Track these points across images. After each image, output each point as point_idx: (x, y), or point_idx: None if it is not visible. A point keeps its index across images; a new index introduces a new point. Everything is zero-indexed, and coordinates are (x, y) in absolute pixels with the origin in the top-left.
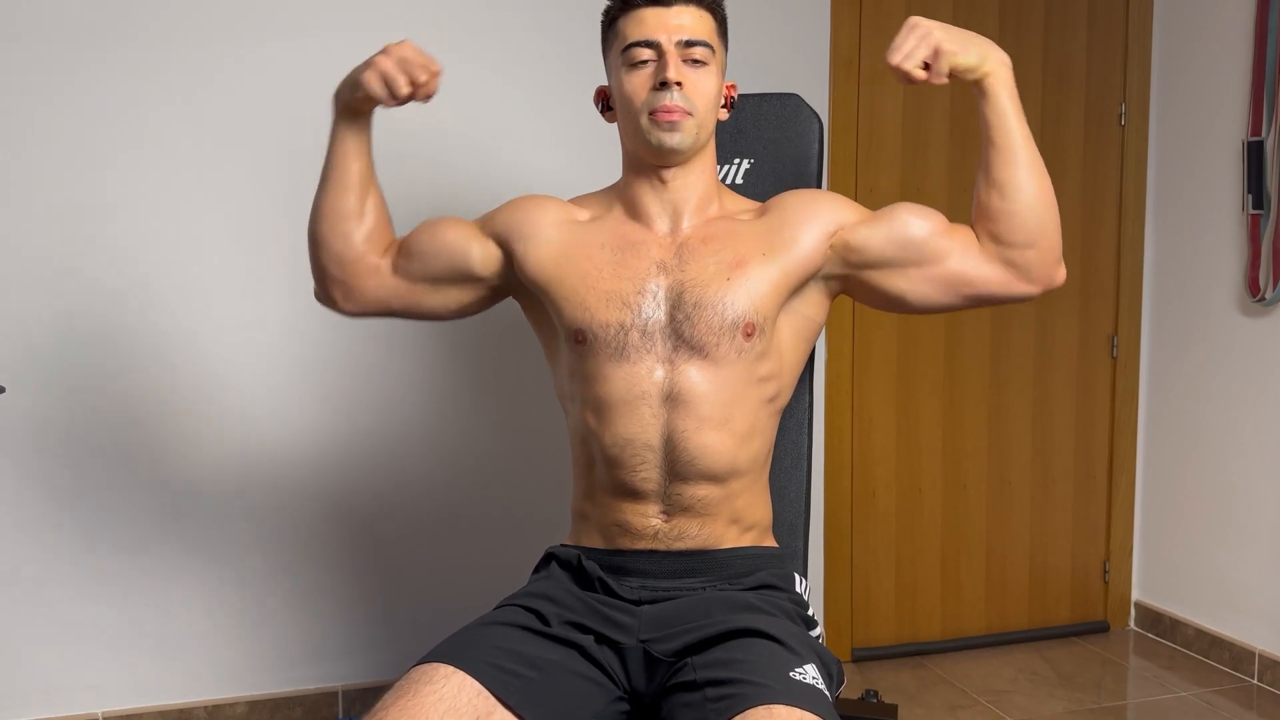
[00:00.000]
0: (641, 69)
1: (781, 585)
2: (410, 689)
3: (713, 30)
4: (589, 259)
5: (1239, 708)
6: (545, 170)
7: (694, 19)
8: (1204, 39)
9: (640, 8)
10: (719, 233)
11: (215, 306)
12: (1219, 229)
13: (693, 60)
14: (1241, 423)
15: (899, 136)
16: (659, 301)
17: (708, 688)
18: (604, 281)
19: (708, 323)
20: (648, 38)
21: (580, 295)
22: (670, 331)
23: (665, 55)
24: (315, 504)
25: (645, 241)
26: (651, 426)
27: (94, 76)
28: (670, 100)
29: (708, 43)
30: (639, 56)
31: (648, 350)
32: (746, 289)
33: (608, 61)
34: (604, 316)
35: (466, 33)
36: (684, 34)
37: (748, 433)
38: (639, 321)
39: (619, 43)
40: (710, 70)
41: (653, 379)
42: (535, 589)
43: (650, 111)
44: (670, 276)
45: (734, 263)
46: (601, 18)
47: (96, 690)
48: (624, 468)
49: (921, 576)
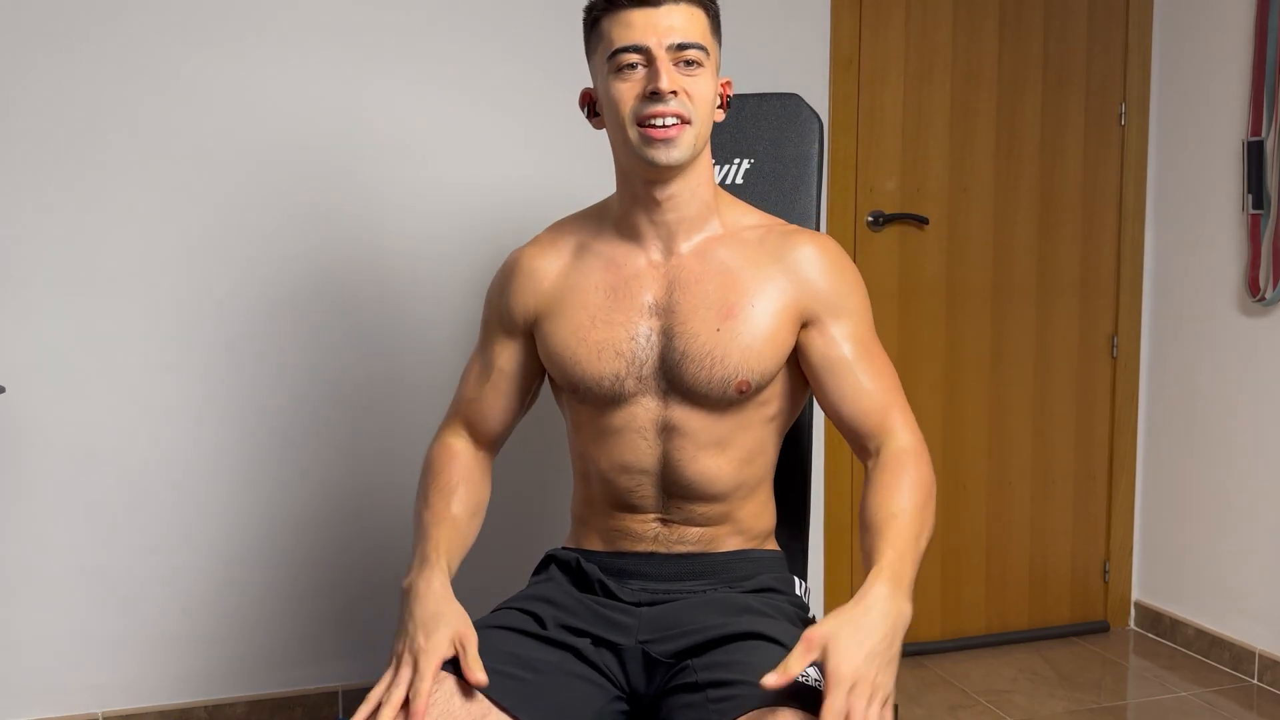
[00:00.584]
0: (630, 75)
1: (781, 588)
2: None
3: (706, 29)
4: (583, 307)
5: (1239, 708)
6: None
7: (685, 18)
8: (1204, 39)
9: (626, 9)
10: (713, 267)
11: (213, 306)
12: (1219, 229)
13: (686, 63)
14: (1241, 422)
15: (899, 136)
16: (651, 344)
17: (709, 689)
18: (596, 331)
19: (694, 376)
20: (636, 42)
21: (571, 350)
22: (662, 374)
23: (656, 61)
24: (315, 504)
25: (639, 274)
26: (648, 455)
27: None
28: (664, 108)
29: (701, 44)
30: (626, 61)
31: (643, 391)
32: (739, 345)
33: (592, 64)
34: (597, 370)
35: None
36: (675, 36)
37: (748, 456)
38: (633, 369)
39: (604, 46)
40: (706, 72)
41: (648, 415)
42: (533, 592)
43: (640, 122)
44: (661, 320)
45: (724, 311)
46: (583, 16)
47: (96, 690)
48: (621, 488)
49: (922, 576)
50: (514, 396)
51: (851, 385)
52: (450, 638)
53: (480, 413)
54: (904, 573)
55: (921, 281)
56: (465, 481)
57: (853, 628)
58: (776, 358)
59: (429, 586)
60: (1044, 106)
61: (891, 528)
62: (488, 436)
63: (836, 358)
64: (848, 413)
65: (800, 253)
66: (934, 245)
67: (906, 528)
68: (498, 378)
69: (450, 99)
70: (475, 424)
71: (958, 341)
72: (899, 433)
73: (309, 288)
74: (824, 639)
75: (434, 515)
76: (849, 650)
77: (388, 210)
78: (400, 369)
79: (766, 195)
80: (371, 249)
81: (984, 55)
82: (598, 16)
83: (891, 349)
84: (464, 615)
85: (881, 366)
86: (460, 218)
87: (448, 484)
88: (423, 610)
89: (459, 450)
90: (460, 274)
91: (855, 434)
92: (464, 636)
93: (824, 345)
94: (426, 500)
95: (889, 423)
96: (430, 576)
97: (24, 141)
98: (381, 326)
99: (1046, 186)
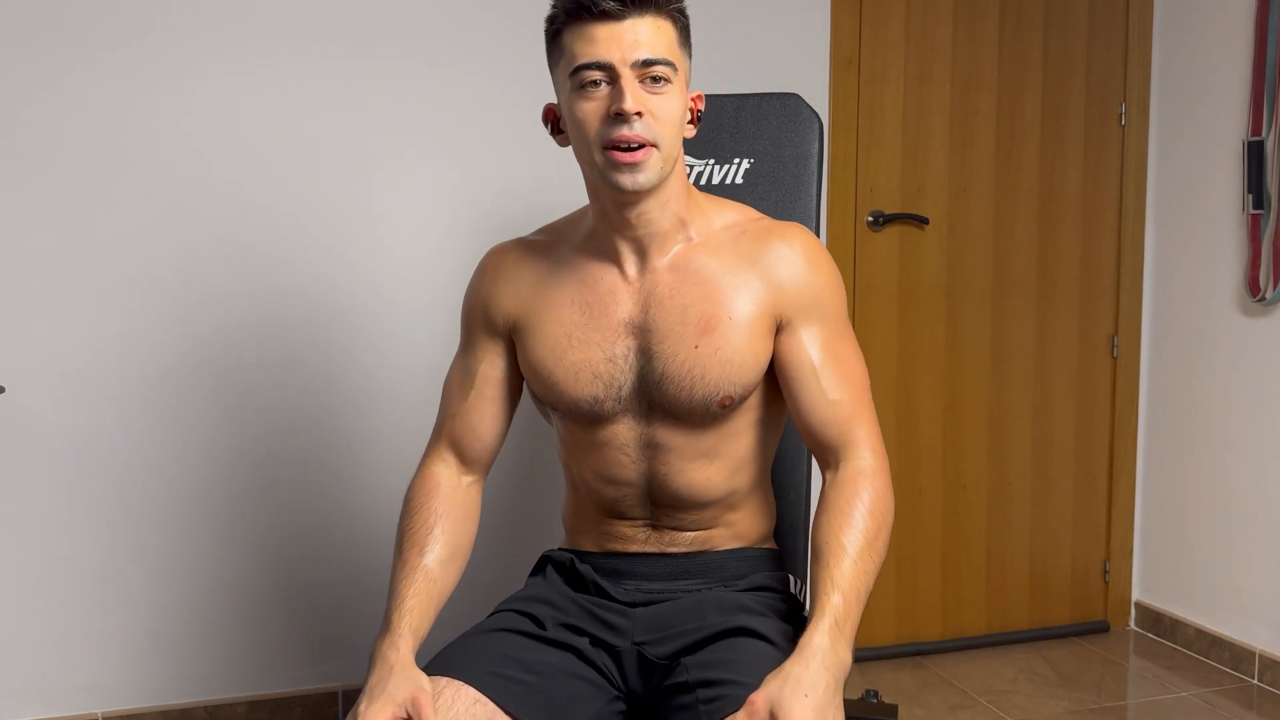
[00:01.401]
0: (593, 93)
1: (776, 586)
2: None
3: (673, 42)
4: (559, 323)
5: (1239, 708)
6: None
7: (651, 32)
8: (1204, 39)
9: (588, 22)
10: (689, 279)
11: (213, 306)
12: (1219, 229)
13: (653, 79)
14: (1241, 423)
15: (899, 136)
16: (630, 365)
17: (699, 688)
18: (573, 350)
19: (674, 396)
20: (599, 59)
21: (549, 370)
22: (642, 394)
23: (620, 80)
24: (315, 504)
25: (614, 291)
26: (632, 470)
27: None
28: (629, 132)
29: (668, 59)
30: (589, 79)
31: (623, 411)
32: (719, 360)
33: (555, 79)
34: (575, 393)
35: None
36: (640, 52)
37: (738, 464)
38: (611, 391)
39: (565, 62)
40: (673, 89)
41: (630, 433)
42: (530, 593)
43: (605, 145)
44: (638, 339)
45: (701, 326)
46: (545, 26)
47: (96, 690)
48: (608, 498)
49: (921, 576)
50: (501, 403)
51: (815, 394)
52: (400, 702)
53: (468, 426)
54: (846, 620)
55: (921, 281)
56: (445, 518)
57: (795, 684)
58: (758, 368)
59: (382, 655)
60: (1044, 106)
61: (839, 565)
62: (476, 456)
63: (803, 363)
64: (810, 421)
65: (773, 254)
66: (934, 245)
67: (853, 567)
68: (482, 384)
69: (440, 103)
70: (462, 443)
71: (958, 341)
72: (859, 449)
73: (309, 287)
74: (769, 701)
75: (405, 568)
76: (797, 709)
77: (388, 211)
78: (400, 368)
79: (766, 195)
80: (372, 249)
81: (984, 55)
82: (559, 29)
83: (891, 349)
84: (419, 682)
85: (849, 373)
86: (458, 216)
87: (423, 525)
88: (374, 678)
89: (441, 481)
90: (443, 274)
91: (816, 444)
92: (418, 702)
93: (792, 350)
94: (399, 549)
95: (850, 436)
96: (389, 643)
97: (24, 142)
98: (382, 325)
99: (1046, 186)
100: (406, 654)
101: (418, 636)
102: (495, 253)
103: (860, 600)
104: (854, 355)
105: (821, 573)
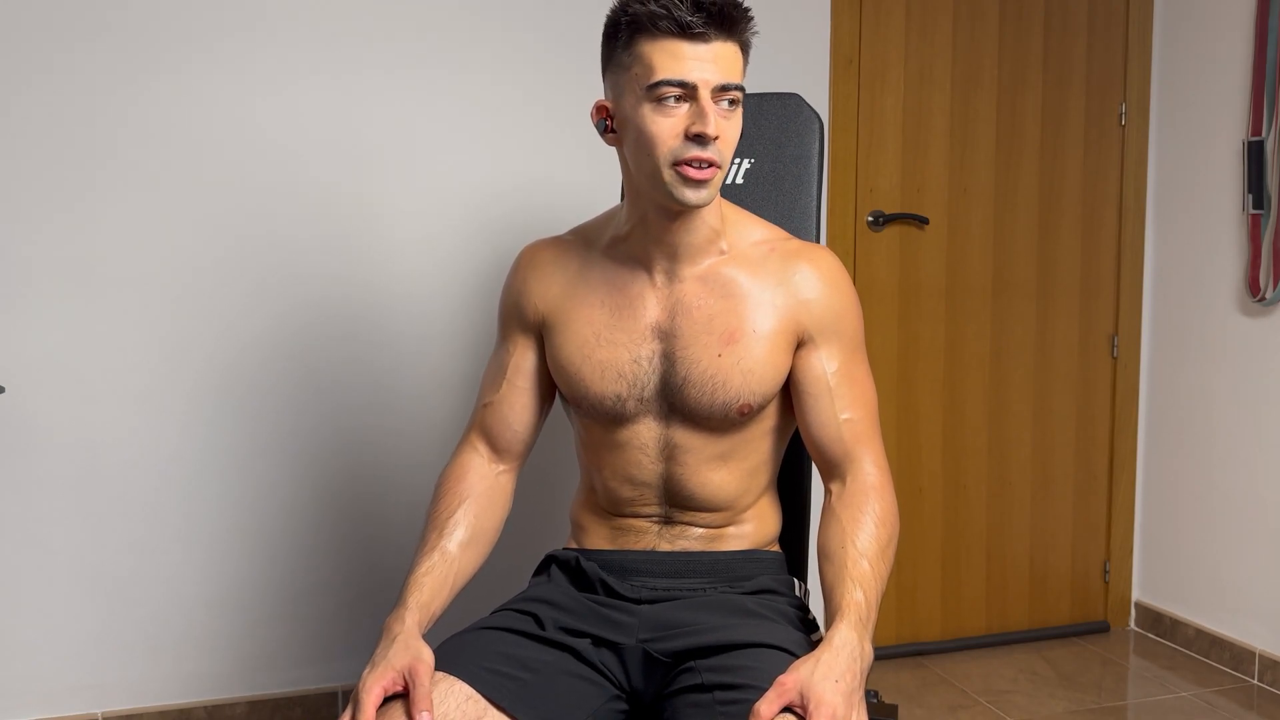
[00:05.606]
0: (671, 111)
1: (781, 589)
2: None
3: (742, 67)
4: (588, 323)
5: (1239, 708)
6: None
7: (729, 58)
8: (1204, 39)
9: (674, 38)
10: (716, 291)
11: (213, 306)
12: (1219, 229)
13: (728, 102)
14: (1241, 423)
15: (899, 136)
16: (654, 368)
17: (717, 690)
18: (600, 350)
19: (695, 400)
20: (683, 78)
21: (576, 367)
22: (664, 397)
23: (700, 101)
24: (315, 504)
25: (643, 295)
26: (650, 470)
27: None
28: (705, 153)
29: (741, 85)
30: (669, 94)
31: (645, 412)
32: (740, 369)
33: (617, 80)
34: (599, 389)
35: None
36: (721, 77)
37: (753, 468)
38: (635, 391)
39: (641, 70)
40: (739, 113)
41: (650, 434)
42: (533, 593)
43: (677, 163)
44: (663, 344)
45: (726, 336)
46: (608, 23)
47: (96, 690)
48: (624, 497)
49: (921, 576)
50: (533, 394)
51: (827, 410)
52: (398, 669)
53: (500, 416)
54: (869, 618)
55: (921, 281)
56: (470, 503)
57: (826, 670)
58: (777, 379)
59: (388, 627)
60: (1044, 107)
61: (858, 568)
62: (508, 445)
63: (818, 380)
64: (819, 436)
65: (800, 275)
66: (934, 245)
67: (871, 571)
68: (514, 375)
69: (449, 102)
70: (494, 432)
71: (958, 341)
72: (866, 466)
73: (310, 288)
74: (799, 683)
75: (424, 548)
76: (828, 693)
77: (389, 210)
78: (401, 368)
79: (766, 195)
80: (372, 249)
81: (984, 55)
82: (634, 34)
83: (891, 349)
84: (419, 652)
85: (860, 394)
86: (467, 218)
87: (446, 509)
88: (379, 649)
89: (470, 468)
90: (461, 274)
91: (823, 458)
92: (415, 671)
93: (810, 366)
94: (423, 531)
95: (857, 453)
96: (396, 616)
97: (24, 142)
98: (383, 327)
99: (1046, 186)
100: (411, 625)
101: (426, 611)
102: (530, 250)
103: (876, 603)
104: (867, 378)
105: (840, 573)
